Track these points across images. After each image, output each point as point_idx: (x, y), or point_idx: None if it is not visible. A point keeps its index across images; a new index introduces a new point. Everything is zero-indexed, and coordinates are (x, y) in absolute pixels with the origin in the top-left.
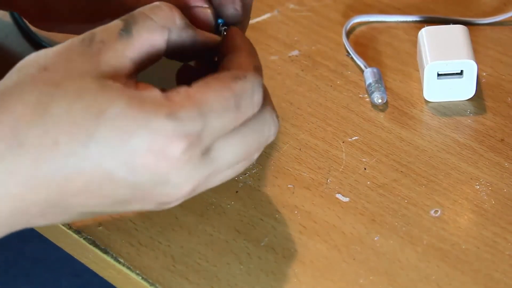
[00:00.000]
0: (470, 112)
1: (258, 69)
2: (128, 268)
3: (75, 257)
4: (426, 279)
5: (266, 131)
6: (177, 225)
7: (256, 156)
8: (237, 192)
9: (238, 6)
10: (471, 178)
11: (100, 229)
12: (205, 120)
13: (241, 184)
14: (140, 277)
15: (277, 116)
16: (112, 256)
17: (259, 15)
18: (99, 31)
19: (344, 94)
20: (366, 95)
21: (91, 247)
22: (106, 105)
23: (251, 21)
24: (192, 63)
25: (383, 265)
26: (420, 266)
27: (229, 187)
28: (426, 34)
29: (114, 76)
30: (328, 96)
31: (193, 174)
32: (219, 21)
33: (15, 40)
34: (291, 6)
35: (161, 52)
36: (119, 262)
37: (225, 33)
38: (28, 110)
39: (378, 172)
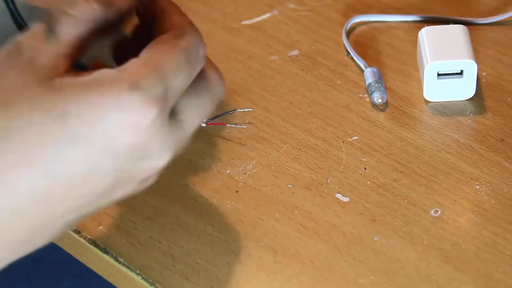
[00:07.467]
0: (470, 112)
1: (193, 24)
2: (128, 268)
3: (75, 257)
4: (426, 279)
5: (217, 89)
6: (177, 225)
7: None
8: (237, 192)
9: None
10: (471, 178)
11: (100, 229)
12: (165, 82)
13: (241, 184)
14: (140, 277)
15: (222, 76)
16: (112, 256)
17: (259, 15)
18: (24, 39)
19: (344, 94)
20: (366, 95)
21: (91, 247)
22: (65, 103)
23: (251, 21)
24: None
25: (383, 265)
26: (420, 266)
27: (229, 187)
28: (426, 34)
29: (55, 75)
30: (328, 96)
31: (168, 140)
32: None
33: None
34: (291, 6)
35: (90, 37)
36: (119, 262)
37: None
38: None
39: (378, 172)
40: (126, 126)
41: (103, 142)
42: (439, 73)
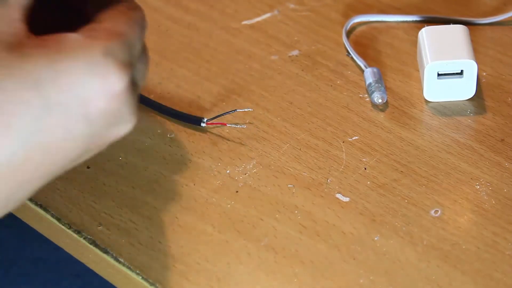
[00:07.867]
0: (470, 112)
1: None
2: (128, 268)
3: (75, 257)
4: (426, 279)
5: (148, 55)
6: (177, 225)
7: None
8: (237, 192)
9: None
10: (471, 178)
11: (100, 229)
12: (130, 49)
13: (241, 184)
14: (140, 277)
15: None
16: (112, 256)
17: (259, 15)
18: None
19: (344, 94)
20: (366, 95)
21: (91, 247)
22: (38, 69)
23: (251, 21)
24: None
25: (383, 265)
26: (420, 266)
27: (229, 187)
28: (426, 34)
29: (19, 41)
30: (328, 96)
31: (134, 105)
32: None
33: None
34: (291, 6)
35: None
36: (119, 262)
37: None
38: None
39: (378, 172)
40: (101, 91)
41: (79, 109)
42: (439, 73)
